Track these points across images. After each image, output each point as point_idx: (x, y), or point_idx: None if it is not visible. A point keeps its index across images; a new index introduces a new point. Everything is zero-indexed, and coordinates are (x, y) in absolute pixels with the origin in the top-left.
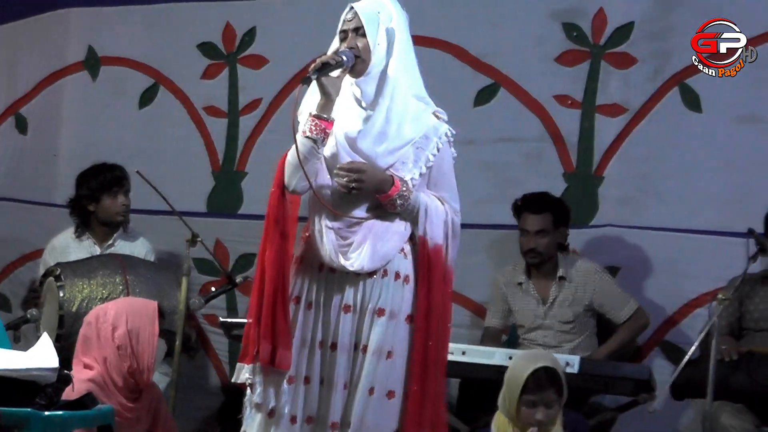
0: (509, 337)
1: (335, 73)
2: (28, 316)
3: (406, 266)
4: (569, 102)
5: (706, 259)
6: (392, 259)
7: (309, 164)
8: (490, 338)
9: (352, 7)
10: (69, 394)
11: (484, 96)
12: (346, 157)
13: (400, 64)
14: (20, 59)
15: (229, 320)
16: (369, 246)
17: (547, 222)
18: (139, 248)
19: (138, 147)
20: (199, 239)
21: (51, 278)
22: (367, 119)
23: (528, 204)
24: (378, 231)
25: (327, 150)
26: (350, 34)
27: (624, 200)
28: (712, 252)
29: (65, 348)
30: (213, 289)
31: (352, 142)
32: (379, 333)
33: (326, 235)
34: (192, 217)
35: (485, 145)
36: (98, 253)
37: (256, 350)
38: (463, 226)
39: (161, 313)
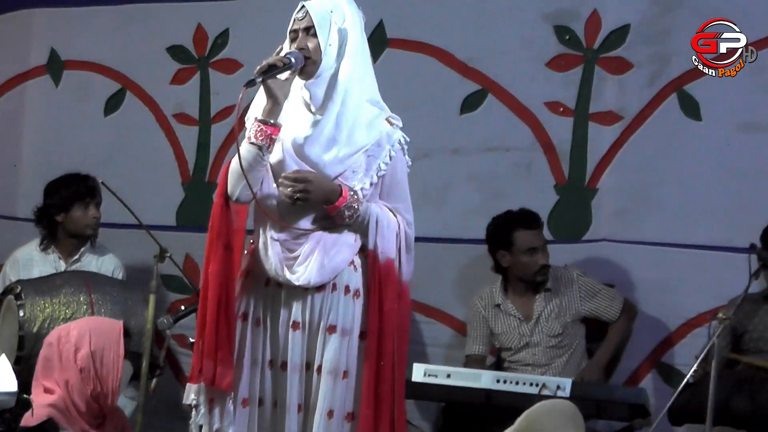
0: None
1: (283, 76)
2: None
3: (357, 280)
4: (561, 109)
5: (706, 276)
6: (341, 273)
7: (253, 172)
8: (472, 366)
9: (303, 6)
10: (28, 420)
11: (471, 102)
12: (293, 165)
13: (353, 67)
14: None
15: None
16: (317, 259)
17: (543, 235)
18: (107, 264)
19: (103, 156)
20: (167, 254)
21: (11, 296)
22: (315, 124)
23: (523, 220)
24: (326, 243)
25: (273, 156)
26: (300, 34)
27: (619, 213)
28: (711, 268)
29: (25, 371)
30: (182, 307)
31: (299, 149)
32: (332, 352)
33: (271, 247)
34: (160, 230)
35: (472, 155)
36: (63, 267)
37: (199, 369)
38: (448, 240)
39: (127, 334)
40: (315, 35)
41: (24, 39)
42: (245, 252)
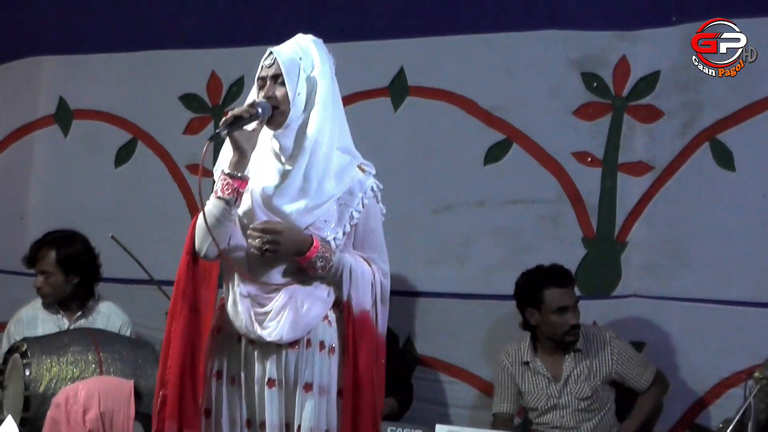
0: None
1: (251, 126)
2: None
3: (331, 335)
4: (589, 159)
5: (741, 334)
6: (315, 328)
7: (221, 227)
8: (500, 426)
9: (271, 52)
10: None
11: (495, 153)
12: (262, 216)
13: (323, 116)
14: None
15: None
16: (289, 314)
17: (575, 293)
18: (114, 321)
19: (113, 209)
20: None
21: (16, 355)
22: (285, 175)
23: (554, 277)
24: (299, 297)
25: (241, 207)
26: (268, 82)
27: (649, 268)
28: (746, 325)
29: None
30: None
31: (267, 200)
32: (310, 411)
33: (241, 303)
34: (172, 286)
35: (496, 207)
36: (66, 325)
37: (161, 429)
38: (471, 296)
39: (138, 394)
40: (283, 83)
41: (32, 87)
42: (216, 309)
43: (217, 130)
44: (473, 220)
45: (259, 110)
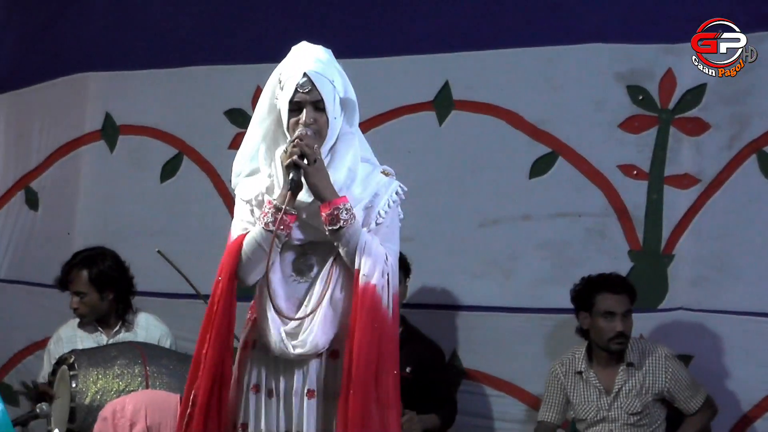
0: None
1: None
2: (38, 411)
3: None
4: (635, 172)
5: None
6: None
7: (265, 258)
8: None
9: (306, 75)
10: None
11: (540, 166)
12: (296, 231)
13: (350, 130)
14: (32, 128)
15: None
16: (320, 323)
17: (629, 302)
18: (152, 332)
19: (159, 224)
20: None
21: (64, 366)
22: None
23: (607, 284)
24: (328, 309)
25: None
26: (307, 107)
27: (697, 281)
28: None
29: None
30: None
31: (300, 213)
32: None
33: (272, 321)
34: None
35: (542, 221)
36: (105, 341)
37: None
38: (518, 310)
39: None
40: (323, 109)
41: (78, 104)
42: (249, 323)
43: (295, 177)
44: (519, 234)
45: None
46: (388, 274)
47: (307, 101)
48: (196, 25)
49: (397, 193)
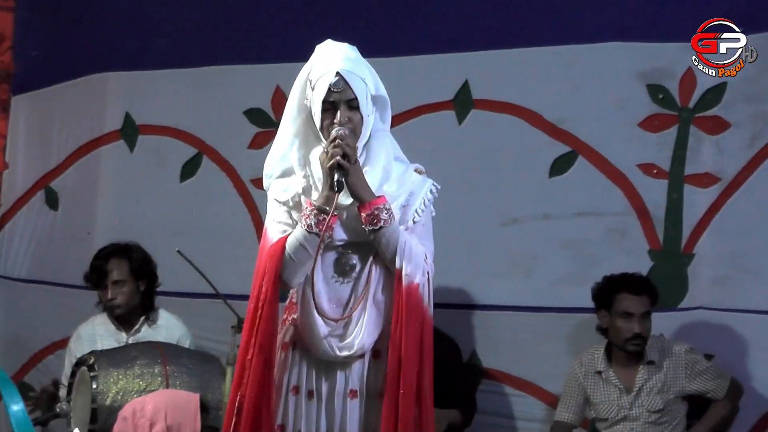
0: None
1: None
2: (58, 410)
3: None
4: (655, 171)
5: None
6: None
7: (311, 258)
8: None
9: (338, 74)
10: None
11: (560, 165)
12: (338, 230)
13: (383, 128)
14: (52, 128)
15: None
16: (365, 323)
17: (649, 304)
18: (173, 332)
19: (179, 223)
20: None
21: (84, 368)
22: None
23: (627, 284)
24: (372, 309)
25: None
26: (342, 107)
27: (717, 280)
28: None
29: None
30: None
31: (340, 214)
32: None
33: (316, 324)
34: (238, 300)
35: (562, 220)
36: (125, 339)
37: None
38: (538, 309)
39: (204, 408)
40: (357, 108)
41: (98, 104)
42: (289, 324)
43: (339, 178)
44: (540, 233)
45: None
46: (428, 273)
47: (341, 100)
48: (215, 24)
49: (431, 191)
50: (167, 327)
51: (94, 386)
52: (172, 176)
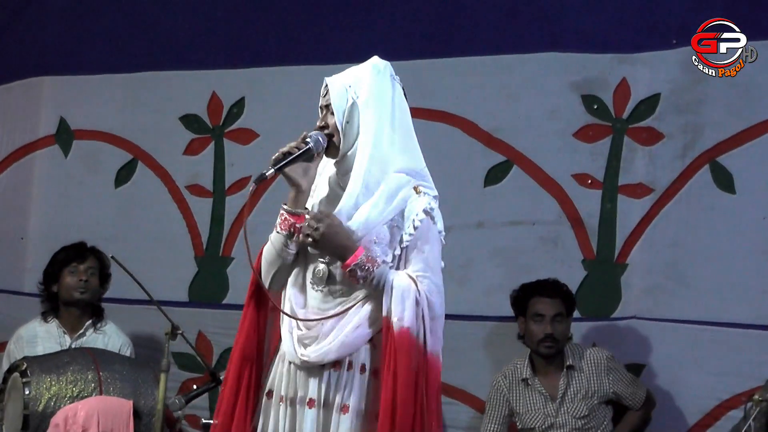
0: None
1: (310, 158)
2: None
3: (374, 358)
4: (589, 181)
5: (740, 356)
6: (359, 351)
7: (281, 261)
8: None
9: (325, 82)
10: None
11: (495, 174)
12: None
13: (374, 140)
14: None
15: (212, 422)
16: (334, 335)
17: (562, 307)
18: (114, 340)
19: (114, 229)
20: (179, 331)
21: (16, 374)
22: (338, 200)
23: (540, 288)
24: (346, 320)
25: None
26: (324, 111)
27: (650, 290)
28: (746, 347)
29: None
30: (194, 386)
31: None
32: None
33: (288, 324)
34: (172, 306)
35: (496, 229)
36: (68, 342)
37: None
38: (471, 317)
39: (137, 414)
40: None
41: (33, 108)
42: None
43: (264, 171)
44: (473, 242)
45: (310, 144)
46: (424, 312)
47: (322, 105)
48: (151, 30)
49: (425, 211)
50: (110, 335)
51: (27, 392)
52: (106, 181)
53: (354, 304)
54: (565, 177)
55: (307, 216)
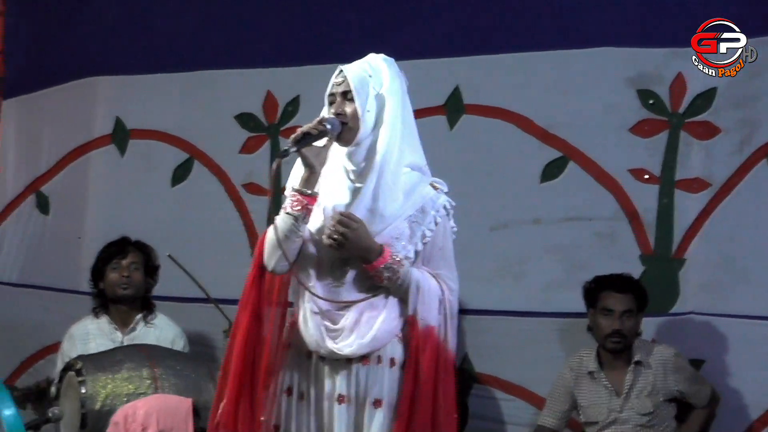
0: None
1: (321, 143)
2: (50, 414)
3: (401, 352)
4: (646, 176)
5: None
6: (387, 345)
7: (289, 243)
8: None
9: (341, 70)
10: None
11: (551, 170)
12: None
13: (392, 134)
14: (43, 132)
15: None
16: (361, 329)
17: (633, 303)
18: (166, 333)
19: (170, 228)
20: None
21: (71, 372)
22: (355, 193)
23: (611, 282)
24: (371, 313)
25: (314, 223)
26: (338, 98)
27: (708, 285)
28: None
29: None
30: None
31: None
32: (378, 427)
33: (311, 319)
34: (229, 304)
35: (553, 225)
36: (120, 338)
37: None
38: (527, 313)
39: (196, 411)
40: (353, 100)
41: (89, 108)
42: (287, 325)
43: (285, 147)
44: (530, 238)
45: (328, 126)
46: (446, 309)
47: (338, 92)
48: (206, 28)
49: (445, 207)
50: (161, 327)
51: (83, 391)
52: (163, 180)
53: (375, 294)
54: (621, 172)
55: (332, 217)
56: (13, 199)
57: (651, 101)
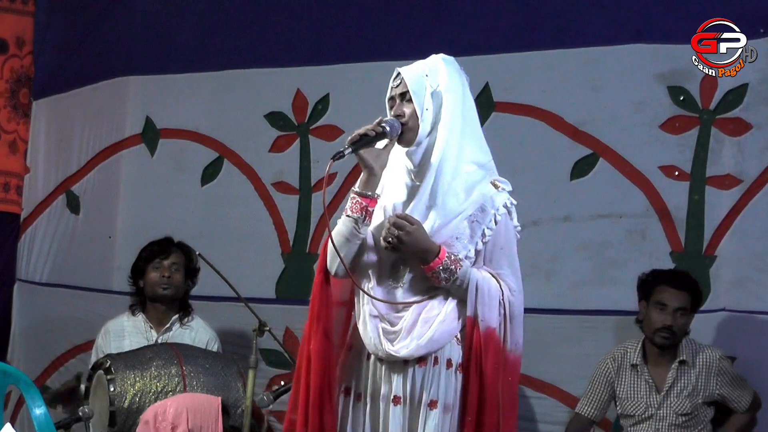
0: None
1: (381, 144)
2: (80, 414)
3: (459, 353)
4: (676, 173)
5: None
6: (444, 346)
7: (350, 245)
8: (577, 427)
9: (398, 72)
10: None
11: (581, 168)
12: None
13: (450, 131)
14: (73, 132)
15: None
16: (418, 331)
17: (688, 301)
18: (201, 335)
19: (200, 227)
20: (267, 328)
21: (100, 371)
22: (414, 193)
23: (669, 277)
24: (429, 315)
25: (375, 224)
26: (397, 101)
27: (739, 282)
28: None
29: None
30: (282, 383)
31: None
32: (433, 428)
33: (370, 322)
34: (259, 303)
35: (583, 222)
36: (155, 337)
37: None
38: (558, 311)
39: (225, 410)
40: (411, 101)
41: (119, 107)
42: (351, 326)
43: (342, 149)
44: (560, 235)
45: (387, 128)
46: (506, 309)
47: (397, 94)
48: (236, 28)
49: (506, 206)
50: (197, 330)
51: (112, 389)
52: (193, 180)
53: (433, 296)
54: (652, 169)
55: (388, 220)
56: (44, 198)
57: (681, 98)
